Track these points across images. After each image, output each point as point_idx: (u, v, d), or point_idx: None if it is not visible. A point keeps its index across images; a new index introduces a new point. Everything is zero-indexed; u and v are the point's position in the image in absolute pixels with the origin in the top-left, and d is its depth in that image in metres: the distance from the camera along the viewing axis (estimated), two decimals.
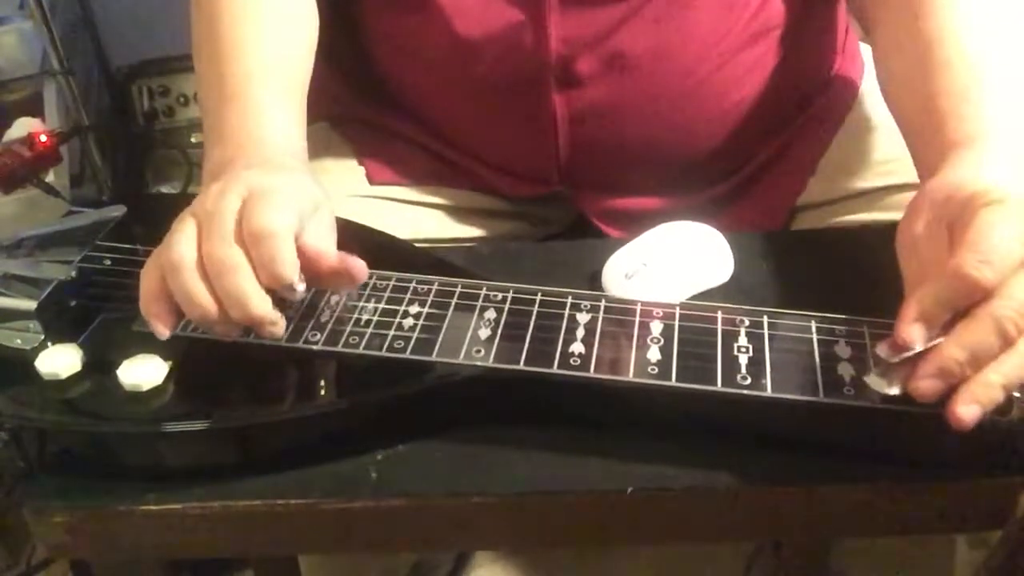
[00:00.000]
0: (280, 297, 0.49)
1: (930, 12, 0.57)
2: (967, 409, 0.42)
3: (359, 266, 0.51)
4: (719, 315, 0.51)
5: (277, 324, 0.49)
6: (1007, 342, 0.42)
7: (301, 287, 0.48)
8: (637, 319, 0.51)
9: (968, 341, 0.42)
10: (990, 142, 0.50)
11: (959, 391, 0.42)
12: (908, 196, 0.68)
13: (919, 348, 0.44)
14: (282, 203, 0.49)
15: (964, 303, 0.43)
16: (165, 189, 1.53)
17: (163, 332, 0.49)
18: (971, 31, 0.56)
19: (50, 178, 1.21)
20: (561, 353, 0.49)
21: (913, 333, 0.44)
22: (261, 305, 0.48)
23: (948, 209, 0.46)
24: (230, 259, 0.47)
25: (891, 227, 0.51)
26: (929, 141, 0.54)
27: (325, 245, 0.51)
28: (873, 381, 0.46)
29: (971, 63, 0.54)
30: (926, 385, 0.43)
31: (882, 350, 0.45)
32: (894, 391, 0.45)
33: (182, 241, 0.48)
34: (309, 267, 0.49)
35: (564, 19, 0.66)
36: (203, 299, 0.47)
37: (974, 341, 0.42)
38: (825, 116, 0.77)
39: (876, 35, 0.64)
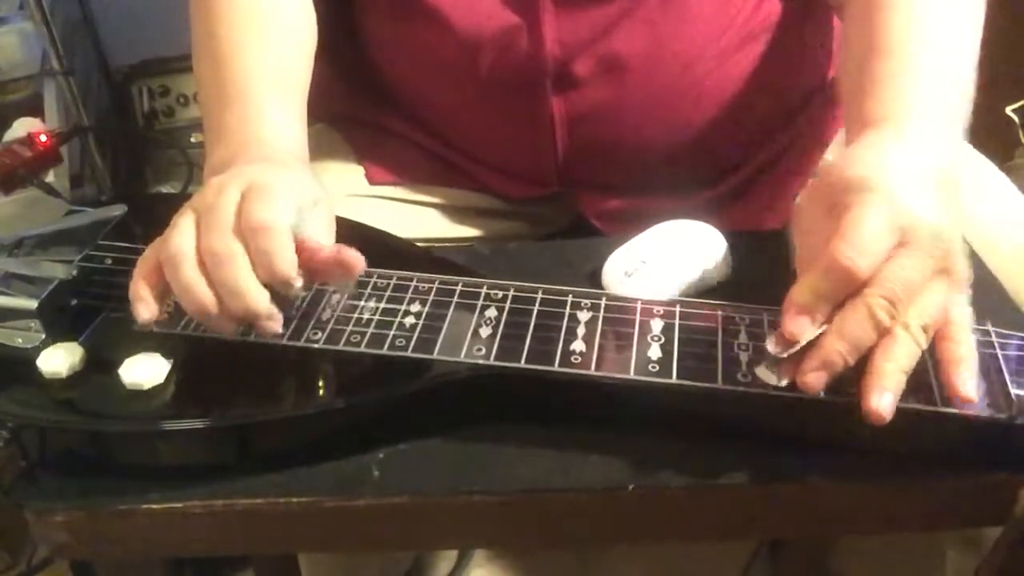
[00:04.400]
0: (279, 294, 0.49)
1: (884, 6, 0.58)
2: (879, 400, 0.43)
3: (355, 258, 0.50)
4: (719, 313, 0.51)
5: (274, 319, 0.49)
6: (883, 330, 0.44)
7: (298, 283, 0.48)
8: (637, 317, 0.51)
9: (846, 332, 0.44)
10: (896, 124, 0.51)
11: (864, 388, 0.43)
12: None
13: (804, 341, 0.44)
14: (281, 197, 0.49)
15: (842, 293, 0.44)
16: (165, 189, 1.53)
17: (144, 317, 0.49)
18: (916, 21, 0.56)
19: (50, 178, 1.21)
20: (562, 351, 0.49)
21: (796, 327, 0.44)
22: (258, 298, 0.48)
23: (831, 193, 0.47)
24: (228, 252, 0.47)
25: None
26: (852, 118, 0.55)
27: (321, 238, 0.51)
28: (763, 374, 0.46)
29: (906, 51, 0.55)
30: (811, 378, 0.44)
31: (771, 345, 0.45)
32: (784, 383, 0.45)
33: (181, 234, 0.48)
34: (306, 261, 0.49)
35: (559, 21, 0.66)
36: (200, 291, 0.47)
37: (851, 331, 0.44)
38: (824, 117, 0.77)
39: (843, 21, 0.64)
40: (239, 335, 0.51)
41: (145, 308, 0.49)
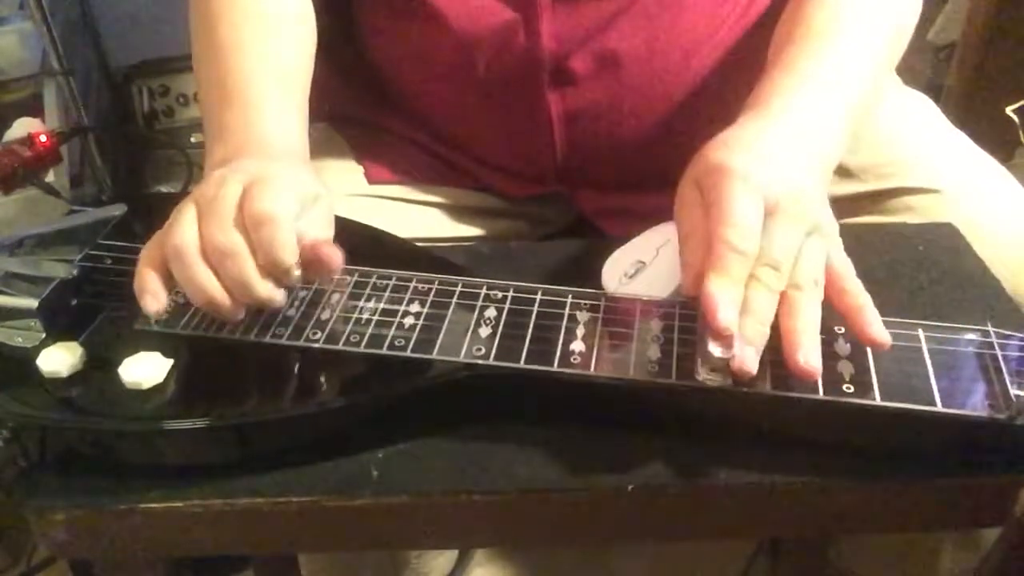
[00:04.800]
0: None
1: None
2: (801, 355, 0.45)
3: (332, 255, 0.50)
4: None
5: (275, 299, 0.50)
6: (779, 295, 0.46)
7: (297, 272, 0.49)
8: (637, 317, 0.51)
9: (751, 308, 0.46)
10: (769, 110, 0.55)
11: (785, 352, 0.45)
12: (907, 199, 0.69)
13: (734, 329, 0.45)
14: (282, 189, 0.49)
15: (742, 275, 0.46)
16: (165, 189, 1.53)
17: (152, 309, 0.49)
18: (836, 21, 0.60)
19: (50, 178, 1.21)
20: (561, 352, 0.49)
21: (725, 317, 0.45)
22: (263, 288, 0.49)
23: (697, 173, 0.51)
24: (230, 244, 0.48)
25: (891, 228, 0.51)
26: (748, 100, 0.57)
27: (321, 235, 0.52)
28: (712, 378, 0.46)
29: (815, 45, 0.59)
30: (741, 359, 0.45)
31: (715, 349, 0.45)
32: (729, 381, 0.46)
33: (183, 227, 0.49)
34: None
35: (556, 17, 0.66)
36: (207, 284, 0.48)
37: (755, 307, 0.46)
38: None
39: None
40: (239, 334, 0.51)
41: (153, 300, 0.49)
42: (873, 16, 0.61)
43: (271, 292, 0.49)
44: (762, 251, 0.46)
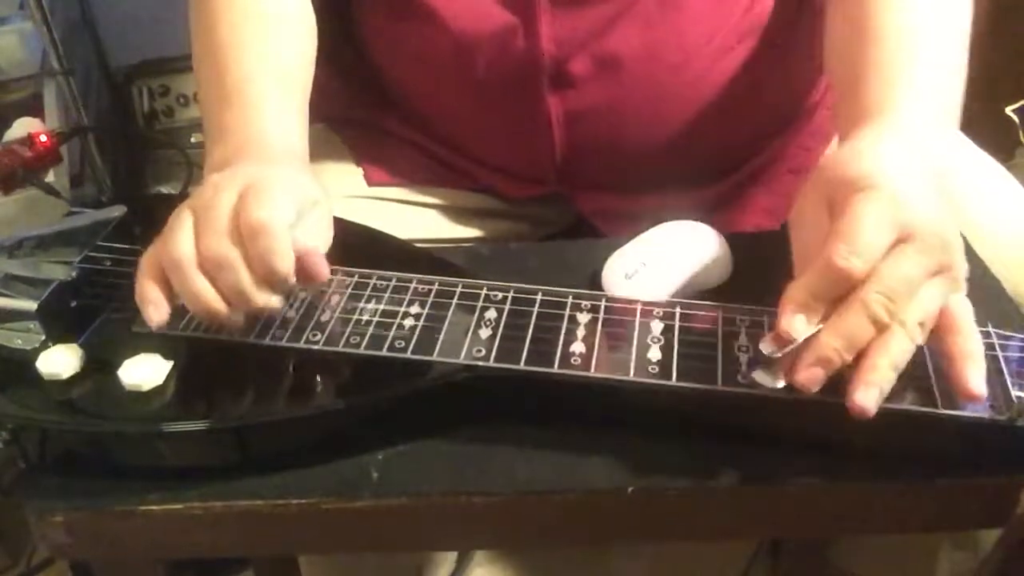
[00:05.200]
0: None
1: None
2: (865, 394, 0.42)
3: (319, 266, 0.50)
4: (719, 315, 0.51)
5: (272, 306, 0.50)
6: (880, 326, 0.43)
7: (292, 280, 0.49)
8: (637, 319, 0.51)
9: (842, 329, 0.43)
10: (893, 117, 0.51)
11: (852, 381, 0.43)
12: None
13: (799, 340, 0.44)
14: (279, 196, 0.49)
15: (838, 292, 0.44)
16: (165, 189, 1.53)
17: (156, 319, 0.49)
18: (904, 11, 0.56)
19: (50, 178, 1.21)
20: (561, 353, 0.49)
21: (792, 326, 0.44)
22: (259, 296, 0.49)
23: (830, 190, 0.47)
24: (225, 255, 0.48)
25: None
26: (845, 109, 0.55)
27: (320, 239, 0.51)
28: (760, 376, 0.46)
29: (900, 39, 0.55)
30: (806, 375, 0.44)
31: (765, 345, 0.45)
32: (780, 384, 0.45)
33: (181, 238, 0.48)
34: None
35: (555, 20, 0.66)
36: (206, 295, 0.48)
37: (847, 328, 0.43)
38: (823, 117, 0.77)
39: (827, 8, 0.64)
40: (239, 336, 0.51)
41: (155, 310, 0.49)
42: (941, 16, 0.58)
43: (268, 301, 0.49)
44: (880, 275, 0.43)
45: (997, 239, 0.63)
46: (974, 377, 0.44)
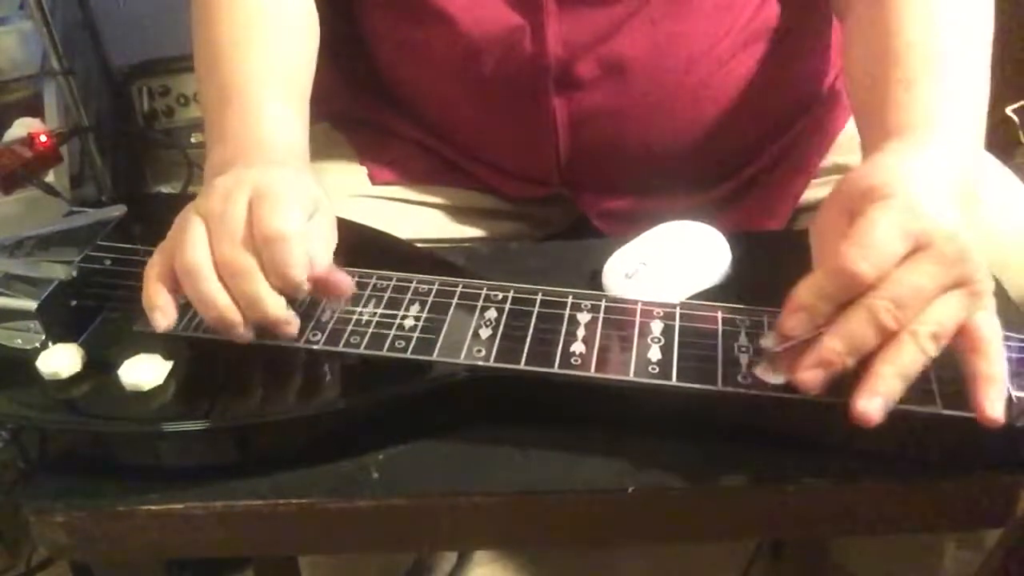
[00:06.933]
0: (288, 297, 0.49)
1: (893, 3, 0.57)
2: (868, 402, 0.42)
3: (345, 282, 0.51)
4: (719, 315, 0.51)
5: (292, 324, 0.50)
6: (886, 333, 0.43)
7: (307, 287, 0.49)
8: (637, 319, 0.51)
9: (845, 332, 0.43)
10: (919, 133, 0.51)
11: (857, 389, 0.43)
12: None
13: (800, 337, 0.44)
14: (290, 203, 0.49)
15: (845, 296, 0.44)
16: (165, 189, 1.53)
17: (163, 324, 0.49)
18: (928, 23, 0.56)
19: (50, 178, 1.21)
20: (562, 353, 0.49)
21: (794, 323, 0.44)
22: (276, 306, 0.48)
23: (850, 200, 0.47)
24: (243, 263, 0.48)
25: None
26: (872, 127, 0.54)
27: (320, 251, 0.52)
28: (760, 371, 0.46)
29: (923, 54, 0.55)
30: (808, 376, 0.43)
31: (766, 340, 0.45)
32: (779, 380, 0.45)
33: (195, 245, 0.48)
34: None
35: (562, 22, 0.66)
36: (221, 303, 0.48)
37: (850, 332, 0.43)
38: (826, 119, 0.77)
39: (846, 23, 0.64)
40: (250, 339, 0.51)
41: (163, 316, 0.49)
42: (965, 29, 0.57)
43: (281, 309, 0.49)
44: (890, 282, 0.43)
45: (997, 239, 0.63)
46: (991, 402, 0.43)
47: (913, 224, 0.44)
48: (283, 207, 0.48)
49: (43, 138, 1.16)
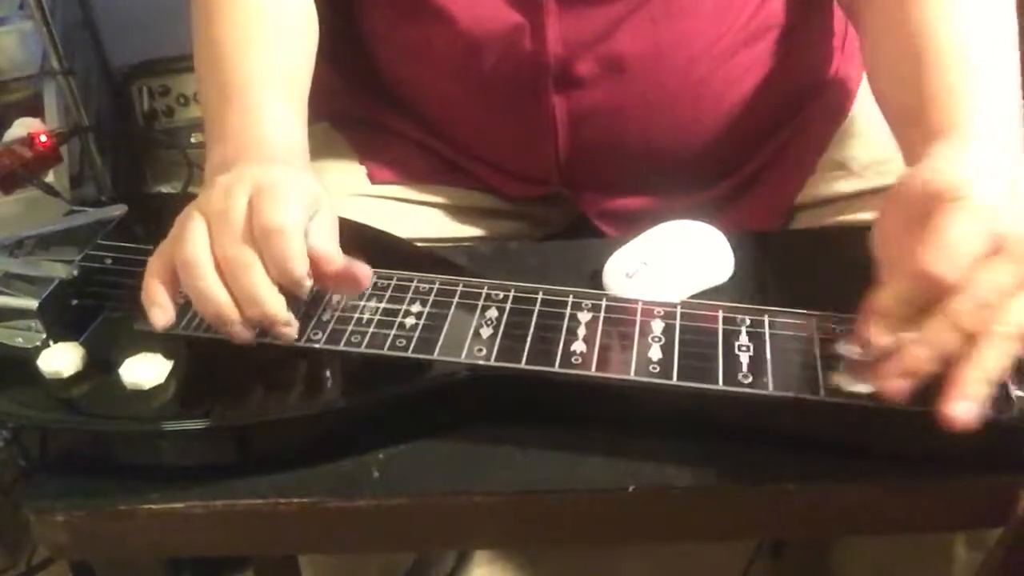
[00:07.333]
0: (288, 294, 0.49)
1: (916, 1, 0.57)
2: (960, 406, 0.42)
3: (364, 272, 0.51)
4: (720, 314, 0.51)
5: (291, 325, 0.49)
6: (970, 337, 0.42)
7: (309, 282, 0.49)
8: (638, 318, 0.51)
9: (931, 339, 0.43)
10: (969, 133, 0.50)
11: (947, 393, 0.42)
12: None
13: (883, 345, 0.43)
14: (290, 198, 0.49)
15: (926, 300, 0.43)
16: (165, 189, 1.53)
17: (161, 322, 0.49)
18: (957, 21, 0.56)
19: (50, 178, 1.21)
20: (562, 352, 0.49)
21: (875, 330, 0.44)
22: (276, 305, 0.48)
23: (919, 203, 0.46)
24: (244, 258, 0.47)
25: None
26: (913, 131, 0.54)
27: (331, 247, 0.51)
28: (841, 379, 0.46)
29: (956, 53, 0.54)
30: (893, 384, 0.43)
31: (845, 348, 0.45)
32: (861, 389, 0.45)
33: (195, 240, 0.48)
34: (314, 269, 0.49)
35: (562, 21, 0.66)
36: (220, 298, 0.48)
37: (936, 338, 0.42)
38: (824, 116, 0.77)
39: (863, 25, 0.64)
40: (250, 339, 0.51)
41: (162, 313, 0.49)
42: (990, 24, 0.56)
43: (280, 308, 0.48)
44: (972, 284, 0.42)
45: None
46: None
47: (989, 226, 0.43)
48: (283, 202, 0.48)
49: (43, 138, 1.16)
